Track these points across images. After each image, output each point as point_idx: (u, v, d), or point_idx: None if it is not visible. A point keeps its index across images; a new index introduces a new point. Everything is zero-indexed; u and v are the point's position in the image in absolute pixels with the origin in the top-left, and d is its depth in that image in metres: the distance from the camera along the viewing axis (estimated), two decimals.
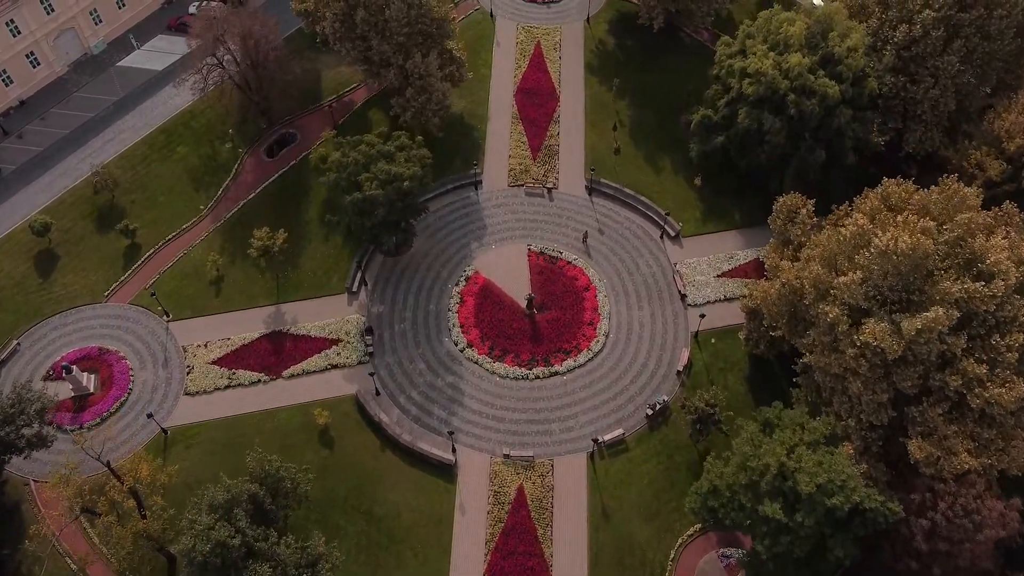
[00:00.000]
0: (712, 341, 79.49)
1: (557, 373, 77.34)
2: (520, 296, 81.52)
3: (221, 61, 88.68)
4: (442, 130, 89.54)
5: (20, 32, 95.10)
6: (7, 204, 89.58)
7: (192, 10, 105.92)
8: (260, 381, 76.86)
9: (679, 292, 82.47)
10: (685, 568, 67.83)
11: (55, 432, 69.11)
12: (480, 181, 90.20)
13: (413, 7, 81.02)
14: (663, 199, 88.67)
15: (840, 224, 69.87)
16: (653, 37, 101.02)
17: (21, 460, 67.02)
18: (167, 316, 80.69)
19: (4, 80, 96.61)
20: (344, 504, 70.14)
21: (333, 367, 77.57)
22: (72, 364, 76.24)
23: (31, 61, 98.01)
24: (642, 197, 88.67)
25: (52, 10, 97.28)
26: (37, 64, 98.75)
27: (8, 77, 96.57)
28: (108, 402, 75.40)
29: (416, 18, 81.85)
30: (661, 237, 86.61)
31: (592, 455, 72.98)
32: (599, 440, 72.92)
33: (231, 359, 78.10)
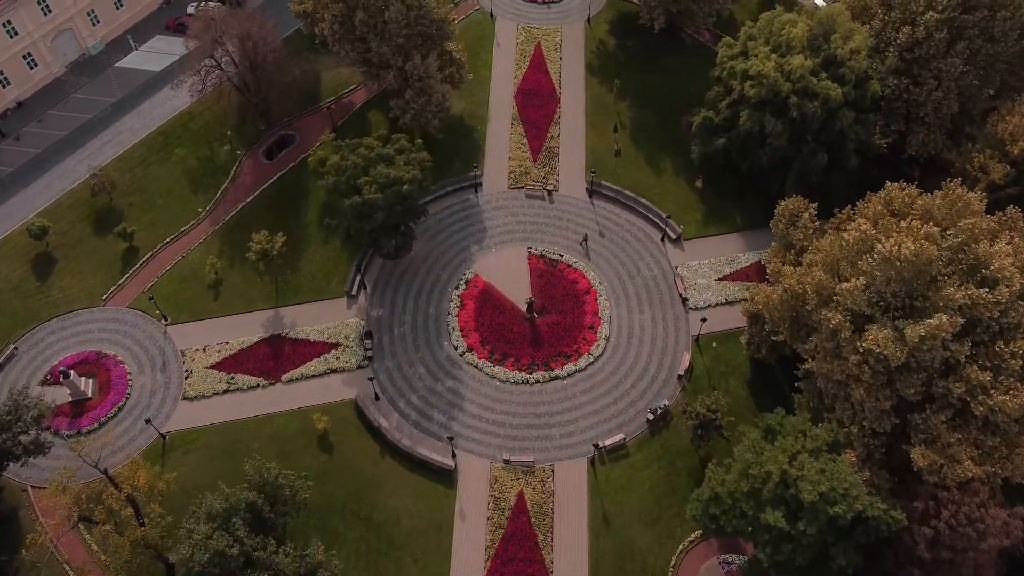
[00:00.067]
0: (713, 345, 79.04)
1: (557, 377, 76.92)
2: (520, 300, 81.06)
3: (219, 63, 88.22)
4: (442, 132, 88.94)
5: (17, 33, 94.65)
6: (4, 207, 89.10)
7: (190, 10, 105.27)
8: (259, 386, 76.43)
9: (680, 295, 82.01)
10: (686, 574, 67.47)
11: (52, 438, 68.64)
12: (480, 183, 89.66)
13: (412, 8, 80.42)
14: (664, 201, 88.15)
15: (842, 228, 69.38)
16: (654, 38, 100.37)
17: (18, 466, 66.54)
18: (165, 320, 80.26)
19: (1, 82, 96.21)
20: (343, 510, 69.75)
21: (332, 371, 77.14)
22: (70, 369, 75.82)
23: (28, 62, 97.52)
24: (643, 199, 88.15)
25: (49, 11, 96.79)
26: (35, 65, 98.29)
27: (5, 78, 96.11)
28: (106, 407, 74.97)
29: (415, 20, 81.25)
30: (662, 240, 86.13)
31: (593, 460, 72.61)
32: (600, 445, 72.52)
33: (230, 363, 77.66)
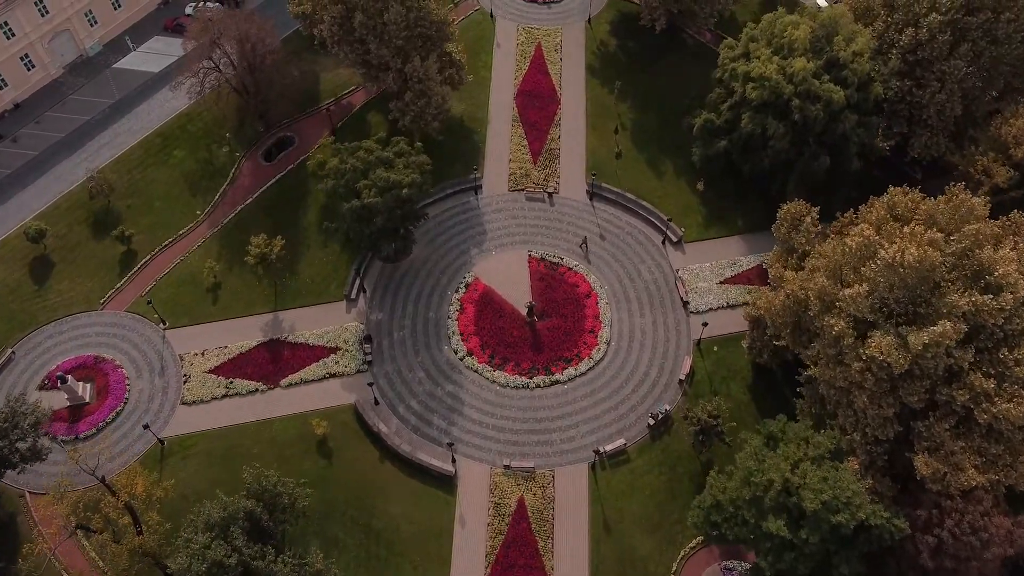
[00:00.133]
0: (715, 349, 78.55)
1: (558, 382, 76.46)
2: (520, 303, 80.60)
3: (218, 64, 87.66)
4: (442, 134, 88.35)
5: (14, 34, 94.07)
6: (1, 209, 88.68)
7: (188, 11, 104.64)
8: (258, 390, 76.02)
9: (681, 299, 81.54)
10: None
11: (50, 444, 68.20)
12: (480, 186, 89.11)
13: (412, 10, 79.84)
14: (665, 204, 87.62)
15: (845, 232, 68.95)
16: (655, 38, 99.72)
17: (16, 473, 66.15)
18: (164, 324, 79.83)
19: None
20: (343, 516, 69.34)
21: (331, 376, 76.70)
22: (67, 373, 75.35)
23: (26, 63, 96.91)
24: (644, 202, 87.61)
25: (47, 12, 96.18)
26: (32, 66, 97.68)
27: (2, 80, 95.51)
28: (104, 412, 74.60)
29: (415, 21, 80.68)
30: (663, 243, 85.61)
31: (593, 466, 72.20)
32: (600, 450, 72.13)
33: (228, 368, 77.23)
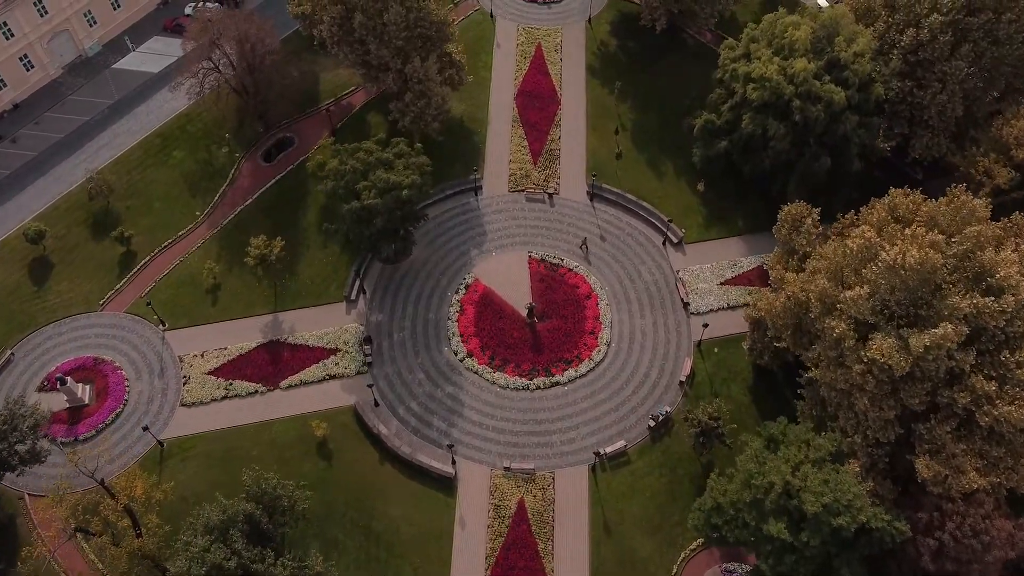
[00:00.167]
0: (715, 350, 78.39)
1: (558, 383, 76.30)
2: (521, 304, 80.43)
3: (217, 65, 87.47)
4: (442, 134, 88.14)
5: (13, 35, 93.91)
6: (0, 210, 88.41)
7: (188, 11, 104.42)
8: (257, 392, 75.86)
9: (682, 300, 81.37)
10: None
11: (49, 446, 68.01)
12: (480, 186, 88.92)
13: (412, 11, 79.67)
14: (665, 205, 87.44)
15: (846, 234, 68.80)
16: (656, 38, 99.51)
17: (15, 476, 66.00)
18: (163, 325, 79.67)
19: None
20: (343, 518, 69.20)
21: (331, 377, 76.55)
22: (66, 375, 75.19)
23: (24, 64, 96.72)
24: (644, 203, 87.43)
25: (46, 12, 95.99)
26: (31, 67, 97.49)
27: (1, 81, 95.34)
28: (103, 413, 74.44)
29: (415, 22, 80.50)
30: (663, 244, 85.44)
31: (594, 467, 72.06)
32: (601, 452, 71.98)
33: (228, 369, 77.07)
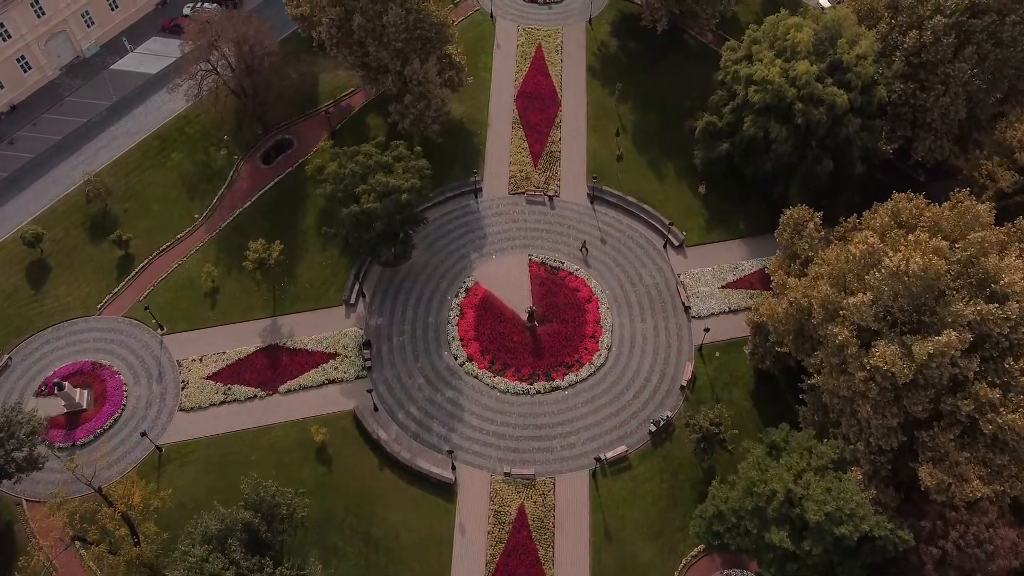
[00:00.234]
0: (716, 354, 77.95)
1: (559, 388, 75.86)
2: (521, 308, 79.95)
3: (215, 66, 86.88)
4: (441, 136, 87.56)
5: (10, 36, 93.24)
6: None
7: (186, 11, 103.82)
8: (256, 397, 75.42)
9: (683, 304, 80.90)
10: None
11: (47, 452, 67.64)
12: (480, 189, 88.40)
13: (411, 12, 79.07)
14: (666, 207, 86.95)
15: (848, 238, 68.33)
16: (656, 39, 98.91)
17: (12, 483, 65.59)
18: (161, 329, 79.20)
19: None
20: (342, 524, 68.84)
21: (330, 382, 76.11)
22: (64, 379, 74.70)
23: (22, 65, 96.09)
24: (645, 205, 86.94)
25: (43, 13, 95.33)
26: (28, 68, 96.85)
27: None
28: (101, 418, 74.00)
29: (414, 23, 79.92)
30: (664, 247, 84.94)
31: (594, 473, 71.67)
32: (602, 457, 71.57)
33: (227, 374, 76.62)
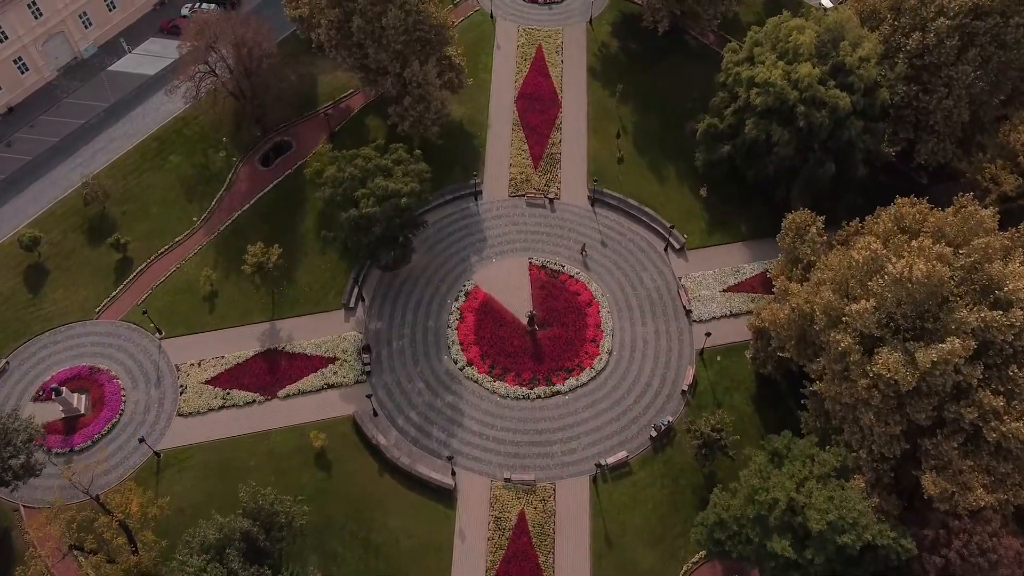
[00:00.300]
0: (718, 359, 77.50)
1: (559, 392, 75.44)
2: (521, 312, 79.49)
3: (213, 68, 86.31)
4: (441, 138, 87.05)
5: (7, 37, 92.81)
6: None
7: (184, 12, 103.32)
8: (255, 402, 74.98)
9: (684, 307, 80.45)
10: None
11: (44, 458, 67.28)
12: (480, 191, 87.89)
13: (411, 14, 78.51)
14: (667, 210, 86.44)
15: (850, 242, 67.88)
16: (657, 40, 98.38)
17: (9, 491, 65.26)
18: (159, 333, 78.78)
19: None
20: (342, 530, 68.45)
21: (329, 387, 75.64)
22: (62, 384, 74.34)
23: (19, 66, 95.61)
24: (646, 208, 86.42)
25: (40, 14, 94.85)
26: (25, 69, 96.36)
27: None
28: (99, 424, 73.58)
29: (414, 25, 79.37)
30: (665, 250, 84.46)
31: (595, 478, 71.28)
32: (602, 463, 71.17)
33: (225, 378, 76.17)
